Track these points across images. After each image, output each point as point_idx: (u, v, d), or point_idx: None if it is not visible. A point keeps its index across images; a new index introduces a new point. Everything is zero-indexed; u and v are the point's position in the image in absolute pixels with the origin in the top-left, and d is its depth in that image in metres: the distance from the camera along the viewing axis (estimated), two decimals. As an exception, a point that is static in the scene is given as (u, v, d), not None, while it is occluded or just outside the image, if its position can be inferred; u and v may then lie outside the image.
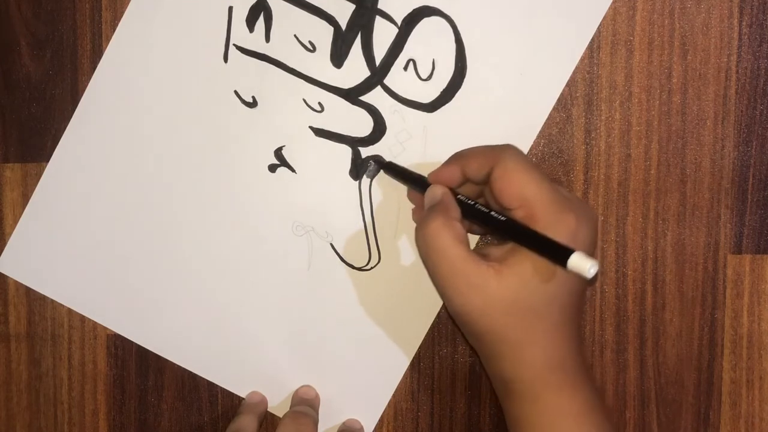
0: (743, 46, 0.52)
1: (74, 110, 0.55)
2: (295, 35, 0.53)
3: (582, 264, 0.41)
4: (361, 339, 0.55)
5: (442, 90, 0.53)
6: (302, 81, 0.53)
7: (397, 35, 0.53)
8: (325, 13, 0.53)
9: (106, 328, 0.56)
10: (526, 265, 0.45)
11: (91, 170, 0.55)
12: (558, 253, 0.43)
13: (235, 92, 0.54)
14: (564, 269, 0.42)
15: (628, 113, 0.53)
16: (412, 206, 0.53)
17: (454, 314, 0.47)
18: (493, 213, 0.47)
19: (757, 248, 0.53)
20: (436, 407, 0.55)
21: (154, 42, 0.54)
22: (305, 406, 0.53)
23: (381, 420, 0.55)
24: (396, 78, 0.53)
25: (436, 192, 0.48)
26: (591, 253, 0.44)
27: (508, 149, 0.47)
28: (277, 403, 0.56)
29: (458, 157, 0.49)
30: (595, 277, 0.47)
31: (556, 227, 0.45)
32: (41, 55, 0.55)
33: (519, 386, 0.47)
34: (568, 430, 0.46)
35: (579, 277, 0.45)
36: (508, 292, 0.45)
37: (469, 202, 0.48)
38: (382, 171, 0.53)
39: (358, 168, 0.54)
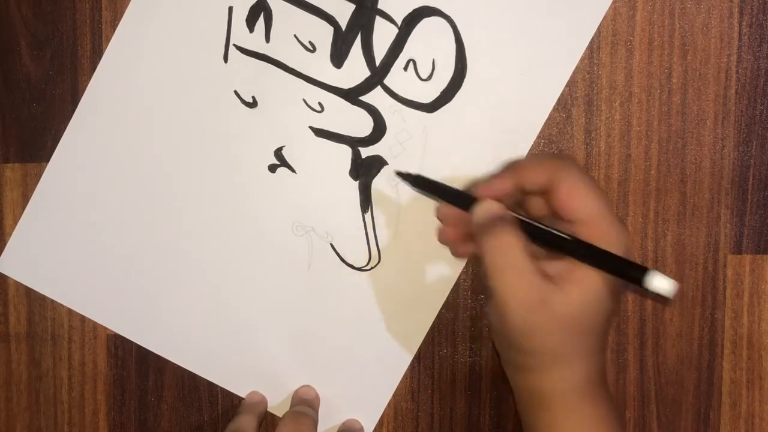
0: (743, 46, 0.52)
1: (74, 110, 0.55)
2: (295, 35, 0.53)
3: (663, 284, 0.42)
4: (361, 339, 0.55)
5: (442, 90, 0.53)
6: (302, 81, 0.53)
7: (397, 35, 0.53)
8: (325, 13, 0.53)
9: (106, 328, 0.56)
10: (592, 281, 0.45)
11: (91, 170, 0.55)
12: (633, 273, 0.43)
13: (235, 92, 0.54)
14: (640, 288, 0.42)
15: (628, 113, 0.53)
16: (413, 204, 0.53)
17: (507, 328, 0.46)
18: (562, 234, 0.46)
19: (757, 248, 0.53)
20: (436, 407, 0.55)
21: (154, 42, 0.54)
22: (305, 406, 0.53)
23: (381, 420, 0.55)
24: (396, 78, 0.53)
25: (492, 207, 0.47)
26: None
27: (570, 162, 0.47)
28: (277, 403, 0.56)
29: (513, 168, 0.48)
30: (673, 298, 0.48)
31: (617, 242, 0.45)
32: (41, 55, 0.55)
33: (555, 398, 0.46)
34: None
35: (619, 293, 0.46)
36: (572, 309, 0.45)
37: (532, 222, 0.47)
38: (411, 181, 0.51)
39: (358, 168, 0.54)
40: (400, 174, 0.52)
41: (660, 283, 0.42)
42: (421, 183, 0.51)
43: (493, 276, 0.45)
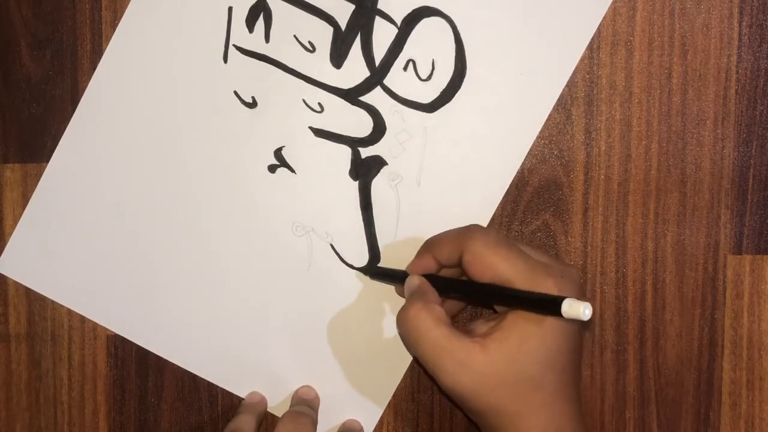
0: (743, 46, 0.52)
1: (74, 110, 0.55)
2: (294, 35, 0.53)
3: (575, 308, 0.41)
4: (361, 339, 0.55)
5: (441, 90, 0.53)
6: (302, 81, 0.53)
7: (397, 35, 0.53)
8: (325, 13, 0.53)
9: (106, 329, 0.56)
10: (512, 336, 0.45)
11: (91, 170, 0.55)
12: (549, 305, 0.43)
13: (235, 92, 0.54)
14: (560, 318, 0.42)
15: (628, 113, 0.53)
16: (413, 204, 0.53)
17: (446, 392, 0.47)
18: (476, 282, 0.47)
19: (757, 249, 0.53)
20: (436, 407, 0.55)
21: (154, 42, 0.54)
22: (304, 406, 0.53)
23: (381, 420, 0.55)
24: (396, 78, 0.53)
25: (413, 281, 0.49)
26: None
27: (473, 232, 0.48)
28: (277, 403, 0.56)
29: (429, 246, 0.50)
30: (590, 321, 0.47)
31: (542, 289, 0.45)
32: (41, 55, 0.55)
33: None
34: None
35: (571, 335, 0.46)
36: (496, 366, 0.45)
37: (452, 278, 0.49)
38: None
39: (358, 168, 0.54)
40: (363, 270, 0.54)
41: (570, 308, 0.41)
42: (374, 272, 0.54)
43: (410, 347, 0.47)
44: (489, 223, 0.53)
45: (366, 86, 0.53)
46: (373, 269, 0.54)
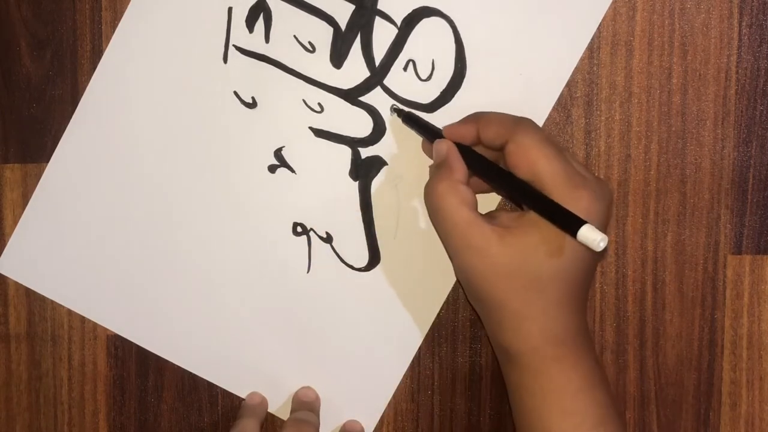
0: (743, 46, 0.52)
1: (74, 110, 0.55)
2: (294, 36, 0.53)
3: (592, 236, 0.41)
4: (360, 340, 0.55)
5: (441, 90, 0.53)
6: (302, 81, 0.53)
7: (397, 36, 0.53)
8: (325, 13, 0.53)
9: (106, 329, 0.56)
10: (531, 236, 0.45)
11: (91, 170, 0.55)
12: (569, 222, 0.42)
13: (235, 93, 0.54)
14: (573, 239, 0.42)
15: (628, 114, 0.53)
16: (413, 204, 0.53)
17: (457, 273, 0.48)
18: (510, 172, 0.46)
19: (757, 249, 0.53)
20: (436, 407, 0.55)
21: (154, 42, 0.54)
22: (306, 411, 0.53)
23: (381, 420, 0.55)
24: (396, 78, 0.53)
25: (441, 147, 0.49)
26: (603, 230, 0.44)
27: (524, 123, 0.47)
28: (278, 405, 0.55)
29: (476, 119, 0.49)
30: (605, 252, 0.46)
31: (567, 205, 0.44)
32: (41, 55, 0.55)
33: (518, 357, 0.47)
34: (569, 403, 0.46)
35: (587, 254, 0.45)
36: (509, 259, 0.45)
37: (488, 160, 0.48)
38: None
39: (358, 168, 0.54)
40: (395, 110, 0.53)
41: (587, 234, 0.41)
42: (409, 118, 0.52)
43: (432, 221, 0.48)
44: (489, 223, 0.53)
45: (366, 86, 0.53)
46: (408, 114, 0.52)
